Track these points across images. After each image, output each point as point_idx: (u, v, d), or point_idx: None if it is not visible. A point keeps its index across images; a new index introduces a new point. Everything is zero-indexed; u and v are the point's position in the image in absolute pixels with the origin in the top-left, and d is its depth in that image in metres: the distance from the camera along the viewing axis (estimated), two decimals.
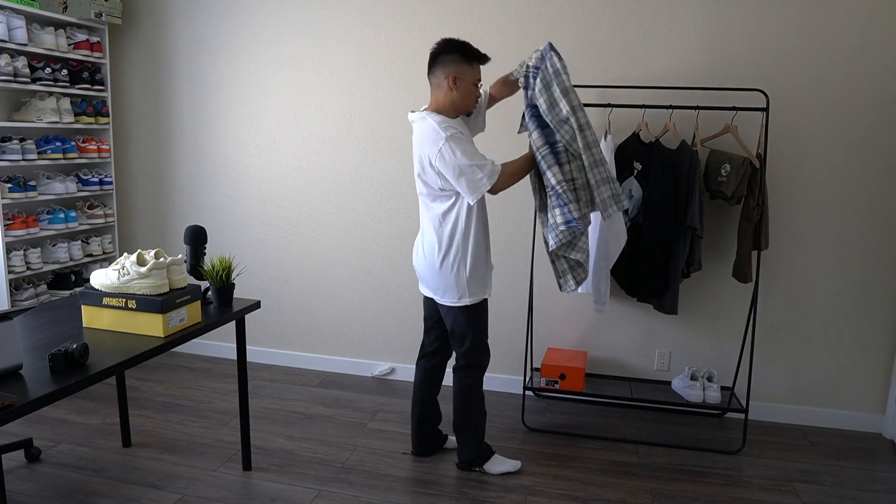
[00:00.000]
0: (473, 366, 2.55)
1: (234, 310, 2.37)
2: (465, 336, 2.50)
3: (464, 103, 2.39)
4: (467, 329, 2.49)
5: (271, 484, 2.52)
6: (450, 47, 2.36)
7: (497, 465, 2.64)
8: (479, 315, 2.52)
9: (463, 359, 2.53)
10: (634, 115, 3.07)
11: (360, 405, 3.29)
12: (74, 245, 3.54)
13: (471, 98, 2.40)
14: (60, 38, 3.35)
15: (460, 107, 2.39)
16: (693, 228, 2.80)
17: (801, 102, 2.98)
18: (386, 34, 3.38)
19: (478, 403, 2.59)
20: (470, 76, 2.36)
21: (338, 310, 3.70)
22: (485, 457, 2.64)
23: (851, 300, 3.08)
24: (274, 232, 3.73)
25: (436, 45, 2.38)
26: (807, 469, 2.76)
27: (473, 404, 2.58)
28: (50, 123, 3.34)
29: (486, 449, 2.65)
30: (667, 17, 3.05)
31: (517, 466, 2.66)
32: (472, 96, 2.39)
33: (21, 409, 1.53)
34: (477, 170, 2.24)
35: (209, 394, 3.37)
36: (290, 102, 3.58)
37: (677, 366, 3.29)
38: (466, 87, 2.36)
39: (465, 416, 2.58)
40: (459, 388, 2.56)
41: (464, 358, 2.53)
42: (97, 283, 2.12)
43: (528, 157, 2.41)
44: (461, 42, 2.38)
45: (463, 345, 2.51)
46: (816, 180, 3.03)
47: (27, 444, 2.63)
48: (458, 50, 2.35)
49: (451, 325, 2.51)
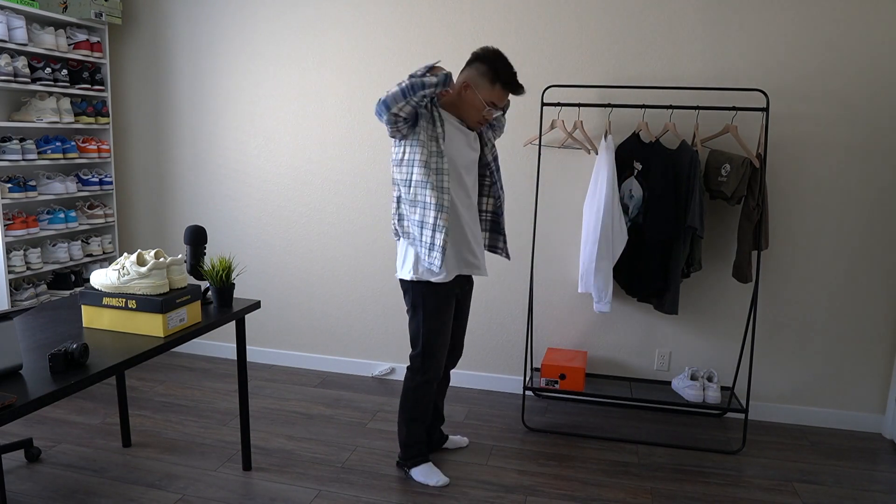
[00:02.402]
0: (417, 370, 2.44)
1: (234, 310, 2.37)
2: (417, 334, 2.40)
3: (466, 113, 2.30)
4: (417, 325, 2.39)
5: (271, 484, 2.52)
6: (485, 57, 2.26)
7: (423, 474, 2.54)
8: (428, 303, 2.35)
9: (411, 360, 2.46)
10: (634, 115, 3.08)
11: (360, 405, 3.29)
12: (74, 245, 3.54)
13: (473, 113, 2.29)
14: (60, 38, 3.35)
15: (461, 114, 2.32)
16: (693, 228, 2.80)
17: (802, 102, 2.98)
18: (387, 33, 3.38)
19: (412, 411, 2.49)
20: (484, 93, 2.25)
21: (338, 310, 3.70)
22: (414, 462, 2.56)
23: (851, 300, 3.08)
24: (274, 232, 3.73)
25: (480, 48, 2.30)
26: (807, 469, 2.76)
27: (408, 408, 2.49)
28: (50, 123, 3.34)
29: (418, 454, 2.56)
30: (667, 17, 3.05)
31: (441, 483, 2.51)
32: (475, 112, 2.29)
33: (21, 409, 1.53)
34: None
35: (209, 394, 3.37)
36: (290, 102, 3.58)
37: (677, 366, 3.29)
38: (473, 101, 2.26)
39: (400, 415, 2.54)
40: (403, 387, 2.51)
41: (412, 360, 2.45)
42: (97, 283, 2.12)
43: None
44: (499, 59, 2.25)
45: (415, 347, 2.43)
46: (816, 180, 3.03)
47: (27, 444, 2.63)
48: (489, 63, 2.25)
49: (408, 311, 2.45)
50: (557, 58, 3.19)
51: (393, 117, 2.13)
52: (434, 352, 2.42)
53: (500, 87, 2.25)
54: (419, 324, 2.40)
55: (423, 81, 2.07)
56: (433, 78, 2.07)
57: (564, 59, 3.19)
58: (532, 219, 3.24)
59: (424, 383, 2.45)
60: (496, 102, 2.28)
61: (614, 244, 2.89)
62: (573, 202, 3.26)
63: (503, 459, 2.77)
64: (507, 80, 2.25)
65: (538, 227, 3.27)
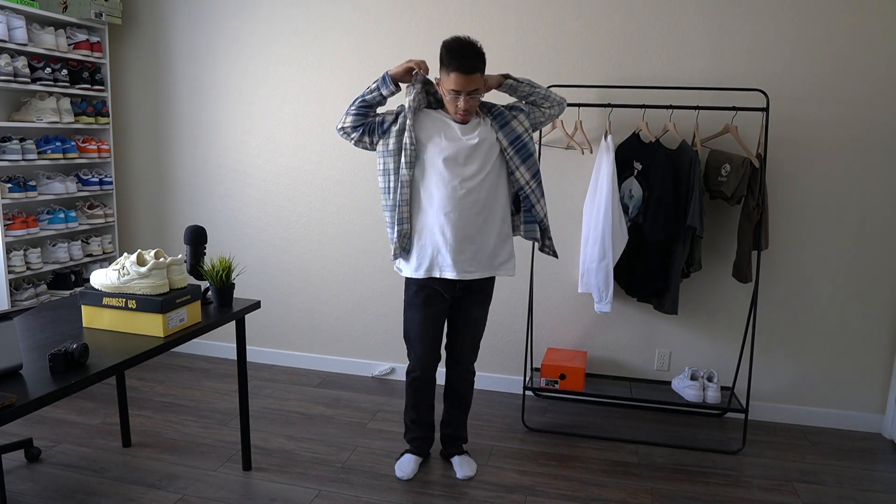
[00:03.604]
0: (408, 361, 2.60)
1: (234, 310, 2.37)
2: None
3: (448, 106, 2.30)
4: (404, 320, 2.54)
5: (271, 484, 2.52)
6: (441, 48, 2.24)
7: (399, 462, 2.64)
8: (406, 295, 2.49)
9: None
10: (634, 115, 3.07)
11: (360, 405, 3.29)
12: (74, 245, 3.54)
13: (451, 105, 2.27)
14: (60, 38, 3.35)
15: (448, 106, 2.31)
16: (693, 228, 2.80)
17: (802, 102, 2.98)
18: (387, 33, 3.38)
19: (406, 399, 2.65)
20: (445, 83, 2.23)
21: (338, 310, 3.70)
22: (405, 449, 2.70)
23: (851, 300, 3.08)
24: (274, 232, 3.73)
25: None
26: (807, 469, 2.76)
27: (405, 396, 2.66)
28: (50, 123, 3.34)
29: (409, 442, 2.69)
30: (667, 17, 3.05)
31: (400, 476, 2.57)
32: (451, 104, 2.27)
33: (21, 409, 1.53)
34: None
35: (209, 394, 3.37)
36: (290, 102, 3.58)
37: (677, 366, 3.29)
38: (444, 94, 2.27)
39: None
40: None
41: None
42: (97, 283, 2.12)
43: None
44: (447, 47, 2.22)
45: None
46: (816, 180, 3.03)
47: (27, 444, 2.63)
48: (442, 53, 2.23)
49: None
50: (557, 58, 3.19)
51: (341, 132, 2.36)
52: (412, 343, 2.53)
53: (453, 73, 2.19)
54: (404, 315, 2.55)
55: (362, 93, 2.32)
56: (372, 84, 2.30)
57: (564, 59, 3.19)
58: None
59: (410, 372, 2.59)
60: (455, 89, 2.21)
61: (614, 244, 2.89)
62: (573, 202, 3.26)
63: (503, 459, 2.77)
64: (453, 65, 2.18)
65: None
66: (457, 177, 2.28)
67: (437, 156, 2.28)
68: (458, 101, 2.24)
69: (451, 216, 2.29)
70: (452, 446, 2.70)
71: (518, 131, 2.34)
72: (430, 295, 2.42)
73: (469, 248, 2.33)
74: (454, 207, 2.28)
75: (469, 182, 2.29)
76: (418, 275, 2.37)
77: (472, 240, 2.33)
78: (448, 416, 2.69)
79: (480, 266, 2.37)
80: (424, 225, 2.33)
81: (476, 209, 2.31)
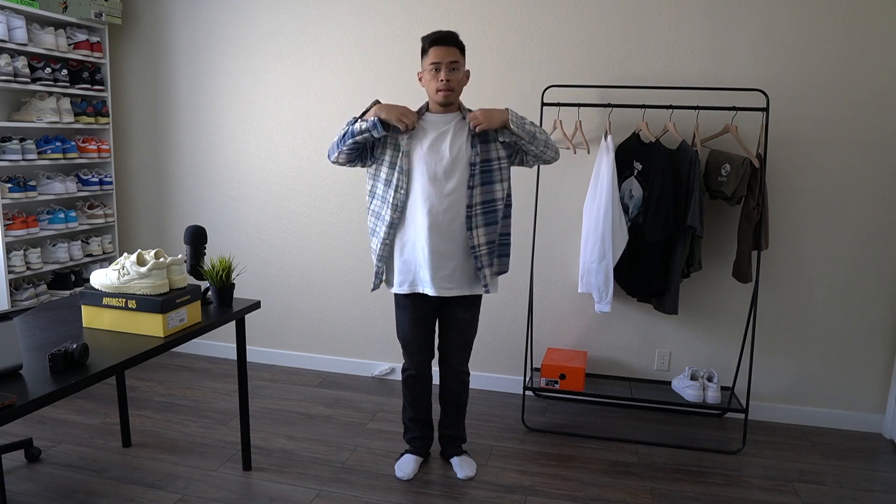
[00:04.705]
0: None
1: (234, 310, 2.37)
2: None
3: (430, 92, 2.34)
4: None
5: (271, 484, 2.52)
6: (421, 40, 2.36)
7: (399, 462, 2.65)
8: (396, 302, 2.54)
9: None
10: (634, 115, 3.08)
11: (360, 405, 3.30)
12: (74, 245, 3.54)
13: (432, 84, 2.31)
14: (60, 38, 3.35)
15: (432, 97, 2.35)
16: (693, 228, 2.80)
17: (802, 102, 2.98)
18: (387, 32, 3.38)
19: (403, 399, 2.68)
20: (425, 66, 2.33)
21: (338, 310, 3.70)
22: (405, 449, 2.73)
23: (851, 300, 3.08)
24: (274, 232, 3.73)
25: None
26: (807, 469, 2.76)
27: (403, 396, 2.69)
28: (50, 123, 3.34)
29: (408, 442, 2.71)
30: (667, 17, 3.05)
31: (400, 476, 2.58)
32: (432, 82, 2.30)
33: (21, 409, 1.53)
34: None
35: (209, 394, 3.37)
36: (290, 101, 3.58)
37: (677, 366, 3.29)
38: (426, 77, 2.33)
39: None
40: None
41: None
42: (97, 283, 2.12)
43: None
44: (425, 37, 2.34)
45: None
46: (816, 180, 3.03)
47: (27, 444, 2.63)
48: (421, 43, 2.35)
49: None
50: (557, 58, 3.19)
51: (334, 163, 2.40)
52: (404, 343, 2.57)
53: (431, 48, 2.29)
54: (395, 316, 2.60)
55: (353, 129, 2.29)
56: (363, 124, 2.27)
57: (564, 59, 3.19)
58: (532, 219, 3.24)
59: (404, 371, 2.63)
60: (435, 61, 2.27)
61: (615, 244, 2.89)
62: (573, 202, 3.26)
63: (503, 459, 2.77)
64: (430, 40, 2.30)
65: (538, 227, 3.27)
66: (436, 193, 2.30)
67: (420, 175, 2.31)
68: (439, 77, 2.28)
69: (430, 232, 2.30)
70: (451, 447, 2.70)
71: (492, 157, 2.35)
72: (416, 299, 2.46)
73: (447, 265, 2.34)
74: (432, 223, 2.30)
75: (449, 197, 2.30)
76: (402, 290, 2.44)
77: (451, 256, 2.34)
78: (445, 416, 2.69)
79: (461, 284, 2.38)
80: (407, 240, 2.38)
81: (455, 226, 2.32)
